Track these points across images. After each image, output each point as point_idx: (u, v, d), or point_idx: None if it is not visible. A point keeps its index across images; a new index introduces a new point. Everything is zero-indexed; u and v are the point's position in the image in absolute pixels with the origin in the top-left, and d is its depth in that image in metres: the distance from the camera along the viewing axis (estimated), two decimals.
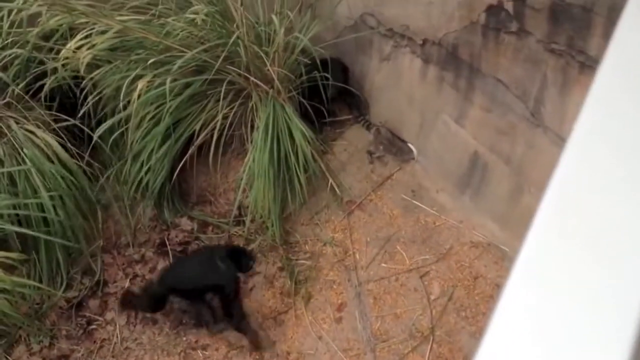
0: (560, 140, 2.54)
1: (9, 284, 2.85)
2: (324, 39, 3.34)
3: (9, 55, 3.16)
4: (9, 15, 3.09)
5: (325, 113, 3.39)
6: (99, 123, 3.18)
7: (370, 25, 3.34)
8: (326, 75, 3.27)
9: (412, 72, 3.24)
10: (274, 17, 3.11)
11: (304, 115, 3.29)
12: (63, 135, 3.18)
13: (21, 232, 3.04)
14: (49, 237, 3.09)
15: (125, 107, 3.08)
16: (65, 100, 3.29)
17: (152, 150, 3.20)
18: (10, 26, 3.12)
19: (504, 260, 3.06)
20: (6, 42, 3.17)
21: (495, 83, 2.77)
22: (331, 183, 3.35)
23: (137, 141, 3.19)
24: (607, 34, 2.18)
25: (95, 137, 3.14)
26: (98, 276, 3.28)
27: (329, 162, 3.46)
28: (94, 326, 3.16)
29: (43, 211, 3.06)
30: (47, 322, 3.16)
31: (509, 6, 2.53)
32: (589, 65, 2.31)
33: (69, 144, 3.19)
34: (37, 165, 3.05)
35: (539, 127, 2.64)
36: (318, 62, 3.25)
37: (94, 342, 3.12)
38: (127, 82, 3.02)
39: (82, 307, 3.22)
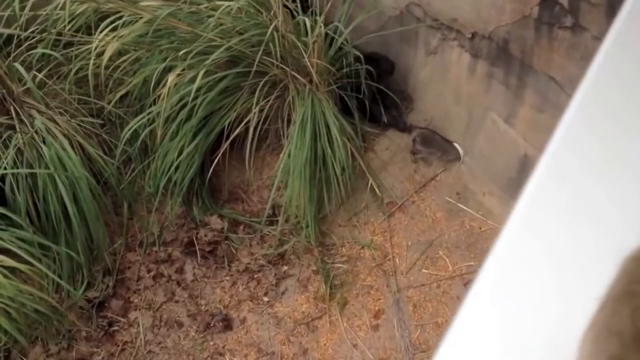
0: None
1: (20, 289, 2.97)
2: (367, 29, 3.54)
3: (33, 38, 3.40)
4: None
5: (368, 111, 3.60)
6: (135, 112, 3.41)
7: (417, 16, 3.51)
8: (370, 69, 3.47)
9: (460, 67, 3.41)
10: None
11: (345, 111, 3.49)
12: (89, 126, 3.42)
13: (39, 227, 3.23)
14: (68, 234, 3.25)
15: (155, 99, 3.29)
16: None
17: (182, 145, 3.38)
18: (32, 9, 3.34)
19: None
20: (30, 28, 3.40)
21: (547, 81, 2.94)
22: (371, 183, 3.53)
23: (167, 135, 3.38)
24: None
25: (125, 133, 3.37)
26: (121, 275, 3.50)
27: (369, 161, 3.64)
28: (115, 327, 3.36)
29: (64, 205, 3.22)
30: (66, 323, 3.31)
31: (563, 0, 2.71)
32: None
33: (94, 136, 3.42)
34: (57, 158, 3.21)
35: None
36: (361, 57, 3.45)
37: (116, 344, 3.31)
38: (156, 73, 3.24)
39: (103, 307, 3.40)
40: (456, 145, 3.59)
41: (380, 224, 3.50)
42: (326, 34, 3.38)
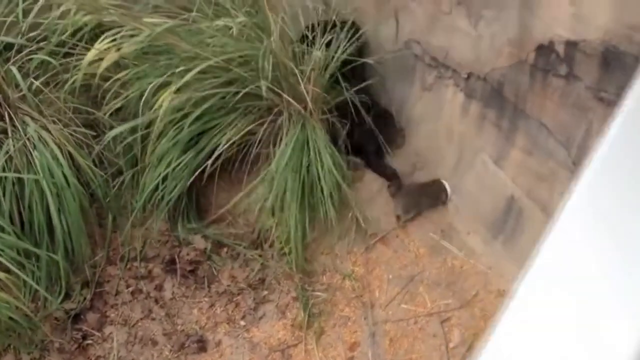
0: None
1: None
2: (366, 62, 3.58)
3: (32, 45, 3.42)
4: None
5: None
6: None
7: (415, 52, 3.55)
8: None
9: (454, 106, 3.44)
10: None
11: (334, 140, 3.50)
12: (81, 136, 3.42)
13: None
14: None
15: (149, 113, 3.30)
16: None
17: (171, 160, 3.39)
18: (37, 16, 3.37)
19: None
20: (30, 34, 3.43)
21: (539, 126, 2.96)
22: (356, 214, 3.52)
23: (157, 148, 3.39)
24: None
25: (109, 137, 3.38)
26: (100, 288, 3.48)
27: (356, 191, 3.62)
28: (89, 341, 3.33)
29: (49, 214, 3.23)
30: (40, 333, 3.28)
31: (560, 48, 2.72)
32: None
33: (85, 147, 3.43)
34: (47, 166, 3.23)
35: None
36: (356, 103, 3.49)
37: (88, 358, 3.29)
38: (150, 88, 3.24)
39: (79, 319, 3.39)
40: (444, 183, 3.59)
41: (362, 255, 3.50)
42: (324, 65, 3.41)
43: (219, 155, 3.38)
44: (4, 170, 3.20)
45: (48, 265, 3.31)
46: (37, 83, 3.38)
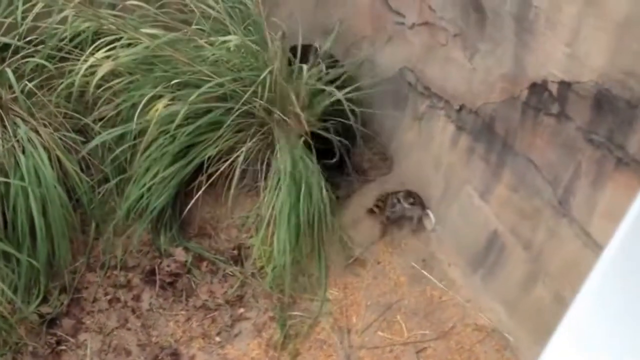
0: (584, 235, 2.68)
1: None
2: (359, 87, 3.55)
3: (29, 48, 3.38)
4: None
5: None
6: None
7: (409, 80, 3.53)
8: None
9: (444, 137, 3.42)
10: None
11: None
12: (71, 141, 3.38)
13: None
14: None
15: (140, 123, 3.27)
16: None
17: (157, 170, 3.36)
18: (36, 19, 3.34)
19: (506, 349, 3.17)
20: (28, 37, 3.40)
21: (527, 163, 2.94)
22: (340, 238, 3.50)
23: (144, 158, 3.36)
24: None
25: (96, 141, 3.35)
26: (78, 294, 3.41)
27: (342, 216, 3.61)
28: (63, 347, 3.26)
29: (32, 217, 3.18)
30: (15, 335, 3.22)
31: (553, 87, 2.70)
32: (625, 162, 2.46)
33: (74, 153, 3.39)
34: (34, 169, 3.19)
35: (565, 217, 2.80)
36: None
37: None
38: (145, 100, 3.21)
39: (54, 324, 3.32)
40: (429, 212, 3.57)
41: (342, 279, 3.46)
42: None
43: (207, 168, 3.36)
44: None
45: (27, 267, 3.25)
46: (30, 85, 3.33)
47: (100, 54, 3.16)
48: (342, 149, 3.53)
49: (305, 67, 3.41)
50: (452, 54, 3.22)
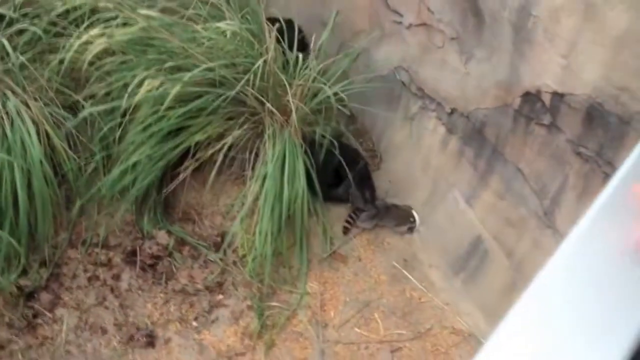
0: None
1: None
2: (353, 82, 3.50)
3: (24, 20, 3.32)
4: None
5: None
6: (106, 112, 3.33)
7: (403, 80, 3.50)
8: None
9: (434, 139, 3.38)
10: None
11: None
12: (60, 117, 3.32)
13: None
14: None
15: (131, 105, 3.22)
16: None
17: (145, 150, 3.31)
18: None
19: None
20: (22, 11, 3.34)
21: (515, 172, 2.91)
22: (323, 232, 3.48)
23: (133, 137, 3.31)
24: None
25: (83, 115, 3.28)
26: (57, 269, 3.36)
27: (327, 210, 3.58)
28: (39, 320, 3.20)
29: (16, 188, 3.13)
30: None
31: (546, 98, 2.67)
32: None
33: (63, 128, 3.33)
34: (21, 142, 3.14)
35: (549, 228, 2.77)
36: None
37: (36, 337, 3.15)
38: (136, 80, 3.15)
39: (32, 297, 3.26)
40: (414, 213, 3.54)
41: (323, 274, 3.43)
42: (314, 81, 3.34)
43: (194, 153, 3.33)
44: None
45: (9, 237, 3.19)
46: (23, 59, 3.27)
47: (95, 32, 3.10)
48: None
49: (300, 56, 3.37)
50: (447, 57, 3.18)
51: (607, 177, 2.47)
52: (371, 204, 3.59)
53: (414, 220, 3.55)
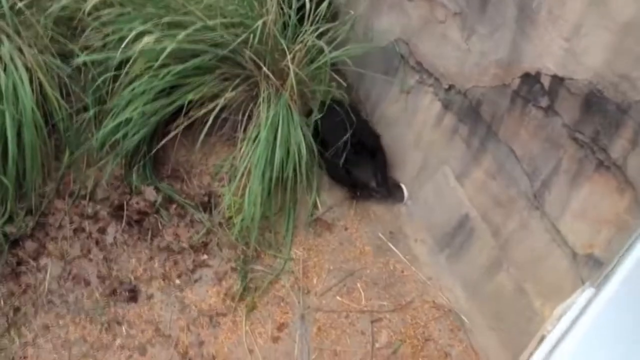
0: (554, 231, 2.62)
1: None
2: (351, 50, 3.44)
3: None
4: None
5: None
6: (100, 64, 3.25)
7: (402, 52, 3.43)
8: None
9: (429, 114, 3.32)
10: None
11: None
12: (54, 66, 3.24)
13: None
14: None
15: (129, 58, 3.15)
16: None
17: (138, 105, 3.24)
18: None
19: (460, 330, 3.14)
20: None
21: (508, 152, 2.85)
22: (313, 200, 3.45)
23: (126, 91, 3.25)
24: (635, 141, 2.27)
25: (76, 63, 3.22)
26: (43, 219, 3.31)
27: (318, 177, 3.54)
28: (23, 268, 3.16)
29: (5, 134, 3.07)
30: None
31: (545, 80, 2.61)
32: (606, 165, 2.39)
33: (56, 77, 3.26)
34: (13, 88, 3.06)
35: (537, 210, 2.73)
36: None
37: (19, 285, 3.12)
38: (133, 34, 3.08)
39: (17, 245, 3.22)
40: (403, 186, 3.50)
41: (308, 241, 3.40)
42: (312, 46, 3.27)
43: (187, 112, 3.27)
44: None
45: None
46: (20, 4, 3.17)
47: None
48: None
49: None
50: (449, 32, 3.11)
51: (600, 164, 2.42)
52: (383, 187, 3.56)
53: (403, 193, 3.52)
